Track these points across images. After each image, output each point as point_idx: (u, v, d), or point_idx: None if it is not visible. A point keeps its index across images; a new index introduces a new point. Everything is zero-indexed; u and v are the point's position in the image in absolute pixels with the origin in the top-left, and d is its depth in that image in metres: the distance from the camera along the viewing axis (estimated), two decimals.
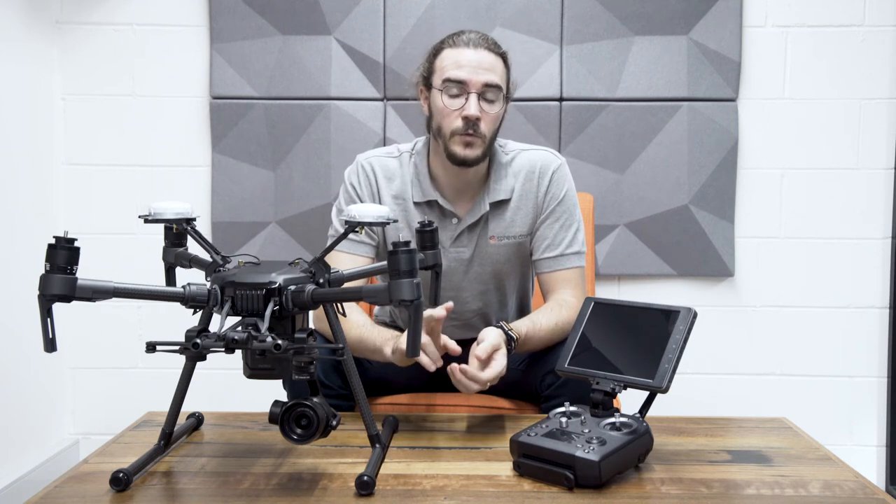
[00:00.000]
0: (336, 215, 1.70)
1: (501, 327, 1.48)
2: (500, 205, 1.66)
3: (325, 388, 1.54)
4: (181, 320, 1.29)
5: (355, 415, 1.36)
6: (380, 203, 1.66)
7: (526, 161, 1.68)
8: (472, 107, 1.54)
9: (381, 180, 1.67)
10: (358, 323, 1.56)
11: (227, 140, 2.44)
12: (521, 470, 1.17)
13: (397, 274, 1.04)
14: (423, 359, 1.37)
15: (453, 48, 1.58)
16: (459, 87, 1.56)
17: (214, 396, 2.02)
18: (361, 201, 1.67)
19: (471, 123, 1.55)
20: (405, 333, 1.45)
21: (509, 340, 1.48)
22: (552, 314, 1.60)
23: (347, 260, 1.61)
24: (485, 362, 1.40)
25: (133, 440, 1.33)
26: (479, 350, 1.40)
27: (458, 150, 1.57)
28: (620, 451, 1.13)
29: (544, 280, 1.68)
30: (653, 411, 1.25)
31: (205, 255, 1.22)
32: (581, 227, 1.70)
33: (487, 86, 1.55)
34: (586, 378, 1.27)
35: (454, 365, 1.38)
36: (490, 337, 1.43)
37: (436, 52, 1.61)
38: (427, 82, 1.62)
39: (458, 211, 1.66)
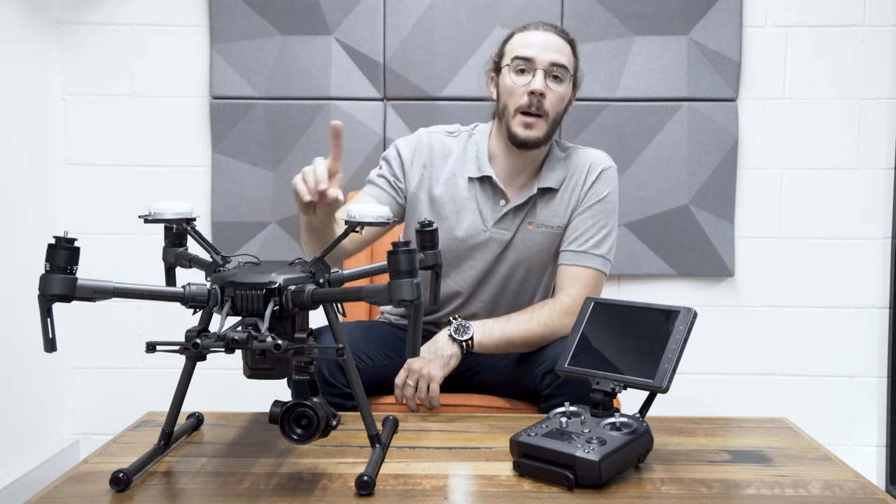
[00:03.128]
0: (376, 172, 1.77)
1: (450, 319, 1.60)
2: (547, 192, 1.70)
3: (331, 388, 1.54)
4: (181, 320, 1.29)
5: (355, 415, 1.36)
6: (430, 176, 1.72)
7: (580, 157, 1.73)
8: (538, 82, 1.60)
9: (437, 156, 1.73)
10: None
11: (227, 140, 2.44)
12: (521, 470, 1.17)
13: (397, 274, 1.04)
14: (300, 185, 1.34)
15: (523, 32, 1.66)
16: (527, 64, 1.62)
17: (214, 396, 2.02)
18: (403, 168, 1.72)
19: (535, 99, 1.60)
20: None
21: (459, 328, 1.57)
22: (530, 309, 1.65)
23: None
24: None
25: (133, 440, 1.33)
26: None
27: (520, 130, 1.62)
28: (620, 451, 1.13)
29: (560, 273, 1.70)
30: (653, 411, 1.24)
31: (205, 255, 1.22)
32: (612, 235, 1.71)
33: (554, 65, 1.61)
34: (586, 378, 1.27)
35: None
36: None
37: (507, 38, 1.70)
38: (497, 67, 1.69)
39: (508, 192, 1.69)
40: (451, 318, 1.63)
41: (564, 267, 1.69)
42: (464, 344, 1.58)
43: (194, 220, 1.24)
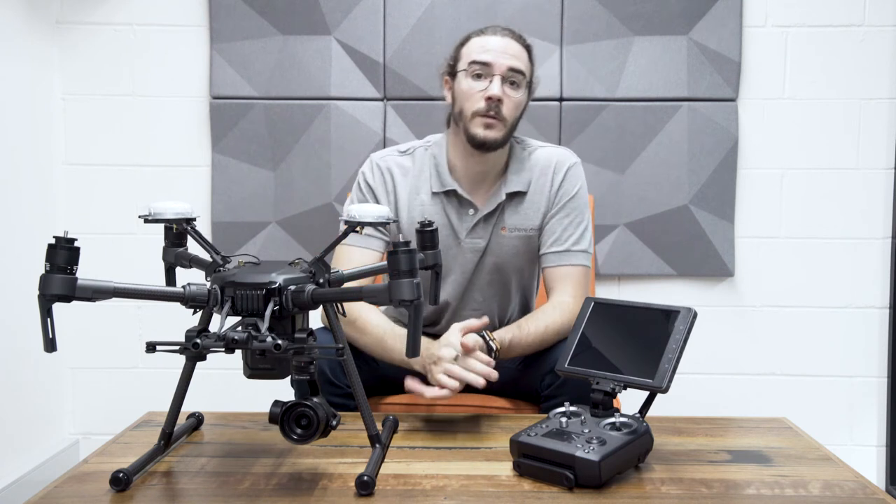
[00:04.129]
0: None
1: (483, 336, 1.50)
2: (516, 196, 1.68)
3: (334, 388, 1.54)
4: (181, 320, 1.29)
5: (355, 415, 1.36)
6: (396, 201, 1.68)
7: (543, 157, 1.71)
8: (496, 87, 1.58)
9: (398, 177, 1.69)
10: (379, 326, 1.59)
11: (227, 140, 2.44)
12: (521, 470, 1.17)
13: (397, 274, 1.04)
14: (445, 381, 1.42)
15: (480, 36, 1.63)
16: (484, 69, 1.59)
17: (214, 396, 2.02)
18: (377, 200, 1.69)
19: (493, 104, 1.58)
20: (431, 343, 1.50)
21: (489, 350, 1.50)
22: (543, 317, 1.61)
23: (357, 254, 1.64)
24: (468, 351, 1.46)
25: (133, 440, 1.33)
26: (467, 340, 1.46)
27: (479, 131, 1.60)
28: (620, 451, 1.13)
29: (548, 275, 1.69)
30: (653, 411, 1.25)
31: (205, 255, 1.22)
32: (589, 229, 1.71)
33: (512, 70, 1.59)
34: (586, 378, 1.27)
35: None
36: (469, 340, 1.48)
37: (463, 42, 1.66)
38: (452, 71, 1.66)
39: (475, 201, 1.68)
40: (488, 340, 1.52)
41: (550, 269, 1.68)
42: None
43: (194, 220, 1.24)
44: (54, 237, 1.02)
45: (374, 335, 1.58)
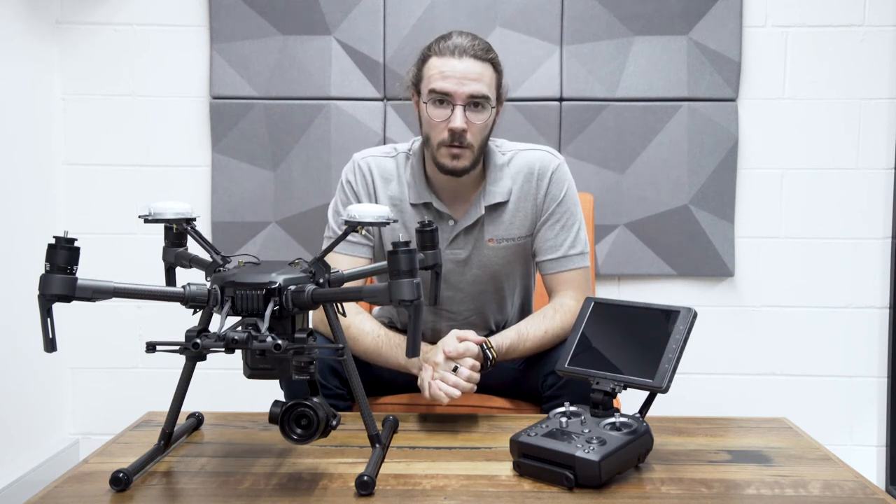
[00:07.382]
0: (333, 215, 1.71)
1: (481, 346, 1.50)
2: (497, 207, 1.65)
3: (322, 389, 1.53)
4: (181, 320, 1.29)
5: (355, 415, 1.36)
6: (376, 204, 1.66)
7: (524, 162, 1.67)
8: (458, 119, 1.53)
9: (378, 180, 1.67)
10: (373, 333, 1.58)
11: (227, 140, 2.44)
12: (521, 470, 1.17)
13: (397, 274, 1.04)
14: (442, 389, 1.43)
15: (439, 56, 1.55)
16: (445, 98, 1.54)
17: (214, 396, 2.02)
18: (359, 201, 1.67)
19: (457, 135, 1.54)
20: (430, 350, 1.50)
21: (485, 360, 1.50)
22: (543, 321, 1.61)
23: (345, 261, 1.62)
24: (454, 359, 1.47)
25: (133, 440, 1.33)
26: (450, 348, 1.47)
27: (447, 161, 1.57)
28: (620, 451, 1.13)
29: (548, 281, 1.68)
30: (653, 411, 1.25)
31: (205, 255, 1.22)
32: (583, 227, 1.69)
33: (473, 97, 1.54)
34: (586, 378, 1.27)
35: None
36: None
37: (424, 58, 1.59)
38: (417, 88, 1.61)
39: (454, 213, 1.65)
40: (485, 350, 1.52)
41: (550, 276, 1.67)
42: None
43: (194, 220, 1.24)
44: (54, 237, 1.02)
45: (369, 343, 1.58)
